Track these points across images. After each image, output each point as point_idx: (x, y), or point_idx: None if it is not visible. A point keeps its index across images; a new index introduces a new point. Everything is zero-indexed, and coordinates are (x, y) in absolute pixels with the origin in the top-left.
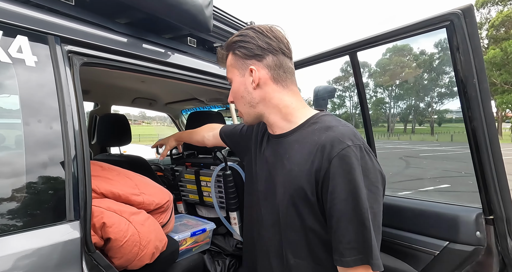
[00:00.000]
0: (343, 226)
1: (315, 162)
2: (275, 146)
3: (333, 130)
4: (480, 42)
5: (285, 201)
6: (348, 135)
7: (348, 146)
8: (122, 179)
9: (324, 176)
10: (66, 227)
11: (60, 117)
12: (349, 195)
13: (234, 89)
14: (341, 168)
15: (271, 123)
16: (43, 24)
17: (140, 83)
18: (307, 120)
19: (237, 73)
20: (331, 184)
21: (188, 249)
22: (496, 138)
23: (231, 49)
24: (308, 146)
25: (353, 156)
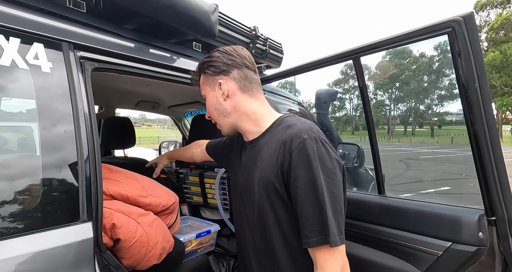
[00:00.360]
0: (306, 210)
1: (279, 157)
2: (249, 151)
3: (292, 128)
4: (481, 47)
5: (261, 198)
6: (305, 130)
7: (304, 139)
8: (129, 181)
9: (288, 168)
10: (80, 227)
11: (73, 121)
12: (308, 182)
13: (208, 104)
14: (300, 159)
15: (244, 130)
16: (57, 32)
17: (144, 87)
18: (273, 123)
19: (208, 89)
20: (293, 174)
21: (193, 251)
22: (498, 141)
23: (202, 70)
24: (273, 144)
25: (309, 147)
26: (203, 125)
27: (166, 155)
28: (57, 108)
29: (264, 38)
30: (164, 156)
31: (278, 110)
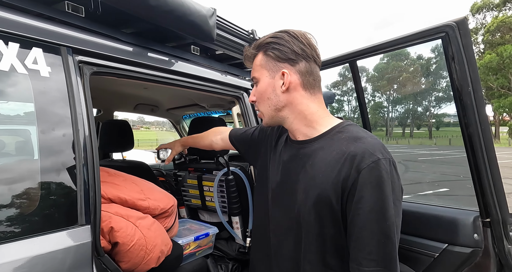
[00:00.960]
0: (365, 236)
1: (343, 171)
2: (295, 152)
3: (362, 142)
4: (474, 52)
5: (307, 207)
6: (378, 147)
7: (378, 158)
8: (128, 185)
9: (352, 186)
10: (78, 231)
11: (72, 125)
12: (375, 207)
13: (260, 90)
14: (369, 179)
15: (294, 129)
16: (56, 36)
17: (142, 90)
18: (332, 129)
19: (266, 74)
20: (358, 194)
21: (192, 253)
22: (491, 144)
23: (262, 49)
24: (334, 154)
25: (383, 169)
26: (203, 128)
27: (180, 140)
28: (55, 112)
29: None
30: (178, 141)
31: None
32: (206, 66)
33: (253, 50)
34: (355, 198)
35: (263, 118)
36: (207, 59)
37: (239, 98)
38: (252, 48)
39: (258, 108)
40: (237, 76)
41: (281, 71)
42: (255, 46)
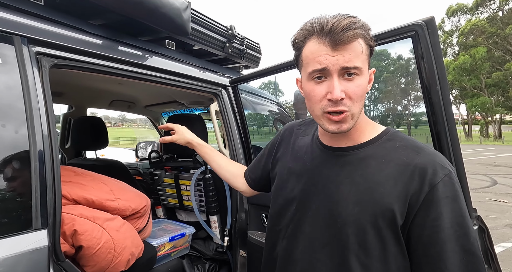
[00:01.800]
0: (448, 256)
1: (412, 185)
2: (331, 159)
3: (427, 153)
4: (451, 48)
5: (362, 221)
6: (445, 159)
7: (450, 171)
8: (96, 184)
9: (425, 201)
10: (32, 235)
11: (26, 121)
12: (455, 224)
13: (363, 85)
14: (445, 194)
15: (348, 134)
16: (7, 24)
17: (117, 86)
18: (379, 136)
19: (367, 68)
20: (435, 210)
21: (167, 255)
22: (457, 141)
23: (365, 34)
24: (393, 165)
25: (456, 183)
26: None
27: (195, 140)
28: (7, 107)
29: (241, 37)
30: (193, 139)
31: (256, 111)
32: (183, 62)
33: (360, 29)
34: (431, 215)
35: (350, 121)
36: (184, 55)
37: (217, 95)
38: (358, 26)
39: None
40: (216, 72)
41: (371, 70)
42: (360, 24)
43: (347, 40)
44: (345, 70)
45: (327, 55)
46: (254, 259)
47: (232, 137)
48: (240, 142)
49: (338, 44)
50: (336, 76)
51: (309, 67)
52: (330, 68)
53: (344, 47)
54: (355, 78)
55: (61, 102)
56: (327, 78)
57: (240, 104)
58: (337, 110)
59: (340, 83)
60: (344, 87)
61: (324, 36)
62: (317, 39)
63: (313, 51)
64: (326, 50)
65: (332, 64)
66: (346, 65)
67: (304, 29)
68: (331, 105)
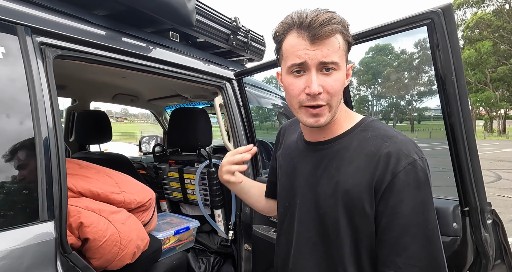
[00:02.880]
0: (405, 241)
1: (376, 174)
2: (312, 154)
3: (393, 141)
4: (458, 40)
5: (336, 213)
6: (412, 147)
7: (414, 159)
8: (101, 177)
9: (385, 189)
10: (39, 227)
11: (31, 112)
12: (416, 211)
13: (341, 80)
14: (407, 182)
15: (326, 127)
16: (11, 14)
17: (120, 79)
18: (354, 127)
19: (344, 64)
20: (393, 199)
21: (172, 248)
22: (472, 133)
23: (344, 30)
24: (363, 156)
25: (420, 171)
26: (184, 120)
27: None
28: (11, 99)
29: (245, 30)
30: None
31: (260, 104)
32: (187, 54)
33: (338, 25)
34: (390, 202)
35: (327, 114)
36: (188, 47)
37: (221, 88)
38: (336, 21)
39: (330, 102)
40: (220, 65)
41: (349, 65)
42: (338, 20)
43: (325, 35)
44: (323, 65)
45: (306, 49)
46: (258, 253)
47: (237, 130)
48: (245, 136)
49: (316, 38)
50: (314, 70)
51: (288, 61)
52: (309, 63)
53: (322, 42)
54: (333, 73)
55: (65, 95)
56: (306, 73)
57: (245, 98)
58: (315, 104)
59: (318, 78)
60: (321, 81)
61: (304, 30)
62: (296, 33)
63: (293, 45)
64: (305, 44)
65: (311, 59)
66: (324, 60)
67: (285, 22)
68: (309, 99)
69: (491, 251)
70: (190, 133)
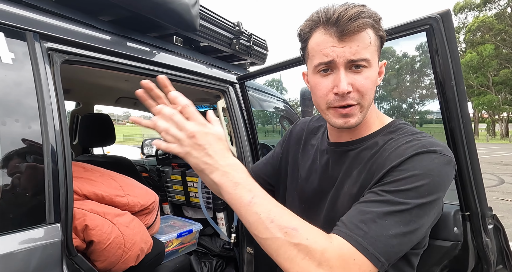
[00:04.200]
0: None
1: (390, 163)
2: (337, 155)
3: (423, 136)
4: (458, 46)
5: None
6: (438, 144)
7: (435, 151)
8: (105, 180)
9: (388, 170)
10: (45, 230)
11: (39, 116)
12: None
13: (372, 77)
14: (415, 166)
15: (354, 128)
16: (20, 20)
17: (124, 83)
18: (383, 128)
19: (377, 60)
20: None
21: (174, 251)
22: (472, 138)
23: (375, 25)
24: (386, 155)
25: (436, 163)
26: None
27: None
28: (20, 103)
29: (248, 34)
30: None
31: (263, 108)
32: (190, 58)
33: (369, 19)
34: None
35: (358, 115)
36: (191, 51)
37: (224, 92)
38: (367, 15)
39: (360, 101)
40: (223, 69)
41: (382, 62)
42: (369, 14)
43: (354, 30)
44: (352, 62)
45: (334, 47)
46: (260, 256)
47: (239, 134)
48: (247, 139)
49: (344, 34)
50: (343, 69)
51: (315, 60)
52: (337, 61)
53: (351, 38)
54: (363, 70)
55: (69, 99)
56: (334, 71)
57: (247, 101)
58: (344, 105)
59: (347, 76)
60: (351, 80)
61: (331, 27)
62: (323, 30)
63: (319, 43)
64: (332, 41)
65: (339, 57)
66: (353, 58)
67: (311, 20)
68: (338, 99)
69: (493, 256)
70: None
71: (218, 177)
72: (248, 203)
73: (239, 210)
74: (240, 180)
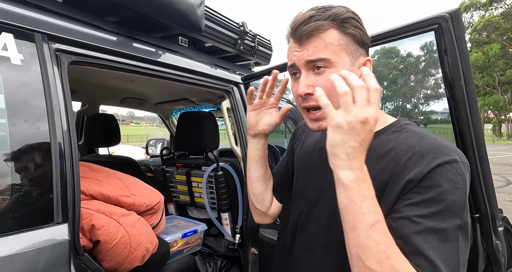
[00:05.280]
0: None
1: (406, 172)
2: None
3: (433, 138)
4: (467, 45)
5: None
6: (455, 150)
7: (456, 160)
8: (111, 180)
9: (413, 185)
10: (53, 229)
11: (47, 117)
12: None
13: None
14: (439, 183)
15: None
16: (29, 22)
17: (129, 83)
18: (387, 128)
19: (346, 59)
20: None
21: (179, 251)
22: (482, 138)
23: (339, 24)
24: (393, 155)
25: (459, 174)
26: (191, 123)
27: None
28: (28, 103)
29: (252, 34)
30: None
31: None
32: (195, 58)
33: (323, 21)
34: (411, 197)
35: (322, 119)
36: (196, 52)
37: (229, 92)
38: (321, 18)
39: (323, 105)
40: (227, 69)
41: (366, 58)
42: (324, 16)
43: (308, 34)
44: (311, 63)
45: (295, 51)
46: (265, 257)
47: (244, 134)
48: None
49: (301, 38)
50: (304, 71)
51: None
52: (297, 64)
53: (308, 41)
54: (325, 71)
55: (75, 99)
56: (301, 74)
57: None
58: (308, 106)
59: (307, 78)
60: (312, 81)
61: (293, 33)
62: (292, 38)
63: (288, 49)
64: (295, 46)
65: (298, 60)
66: (310, 58)
67: (287, 29)
68: (303, 101)
69: (503, 259)
70: (198, 137)
71: (349, 178)
72: (370, 225)
73: (355, 225)
74: (368, 195)
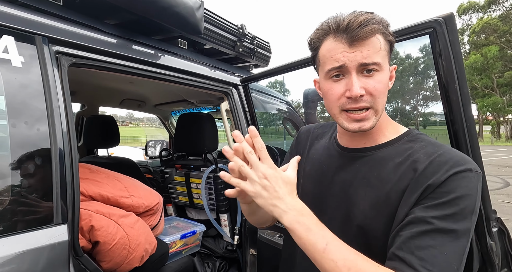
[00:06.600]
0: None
1: (423, 178)
2: (347, 161)
3: (448, 149)
4: (461, 48)
5: (379, 225)
6: (468, 159)
7: (471, 170)
8: (111, 182)
9: (430, 191)
10: (53, 230)
11: (47, 118)
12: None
13: (384, 81)
14: (455, 192)
15: (368, 133)
16: (30, 24)
17: (128, 85)
18: (400, 137)
19: (387, 64)
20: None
21: (178, 252)
22: (476, 140)
23: (386, 34)
24: (410, 163)
25: (474, 182)
26: (190, 124)
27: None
28: (29, 105)
29: (251, 36)
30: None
31: (266, 110)
32: (194, 60)
33: (378, 24)
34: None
35: (373, 119)
36: (195, 54)
37: (228, 94)
38: (375, 21)
39: (374, 105)
40: (226, 71)
41: (393, 65)
42: (377, 20)
43: (364, 36)
44: (363, 66)
45: (345, 52)
46: (264, 258)
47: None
48: None
49: (355, 40)
50: (355, 73)
51: (326, 66)
52: (348, 65)
53: (361, 43)
54: (375, 74)
55: (74, 101)
56: (345, 76)
57: (250, 103)
58: (357, 107)
59: (359, 80)
60: (363, 83)
61: (341, 34)
62: (333, 38)
63: (330, 49)
64: (343, 47)
65: (350, 61)
66: (365, 61)
67: (321, 29)
68: (350, 102)
69: (497, 259)
70: (197, 138)
71: (289, 221)
72: (322, 250)
73: (313, 256)
74: (311, 225)
